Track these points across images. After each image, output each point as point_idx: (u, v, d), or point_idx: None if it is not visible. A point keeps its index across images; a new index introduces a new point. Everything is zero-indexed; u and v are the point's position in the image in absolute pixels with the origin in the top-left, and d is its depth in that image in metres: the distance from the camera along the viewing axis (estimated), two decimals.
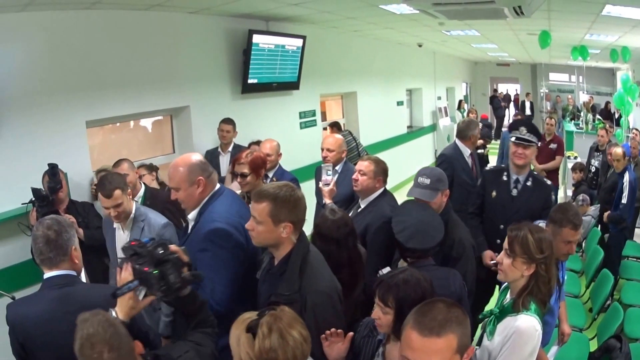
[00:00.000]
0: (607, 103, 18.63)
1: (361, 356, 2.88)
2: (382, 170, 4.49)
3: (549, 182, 5.12)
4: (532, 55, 17.44)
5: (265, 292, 2.98)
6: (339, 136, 5.75)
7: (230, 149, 7.08)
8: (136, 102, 6.34)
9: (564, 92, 21.85)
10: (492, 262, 3.87)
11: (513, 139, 4.97)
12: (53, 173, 4.87)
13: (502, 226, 4.66)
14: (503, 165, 5.34)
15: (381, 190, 4.50)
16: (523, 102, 23.34)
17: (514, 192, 4.97)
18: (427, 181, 4.01)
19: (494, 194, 5.06)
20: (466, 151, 6.16)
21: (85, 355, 2.12)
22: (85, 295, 2.80)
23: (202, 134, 7.27)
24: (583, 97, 19.06)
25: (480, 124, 11.72)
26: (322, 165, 4.97)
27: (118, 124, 6.84)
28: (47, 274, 2.82)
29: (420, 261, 3.40)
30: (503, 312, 2.93)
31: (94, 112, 5.84)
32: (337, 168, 5.33)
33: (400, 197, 5.39)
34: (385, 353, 2.75)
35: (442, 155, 6.25)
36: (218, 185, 3.56)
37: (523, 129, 4.91)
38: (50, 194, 4.78)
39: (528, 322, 2.77)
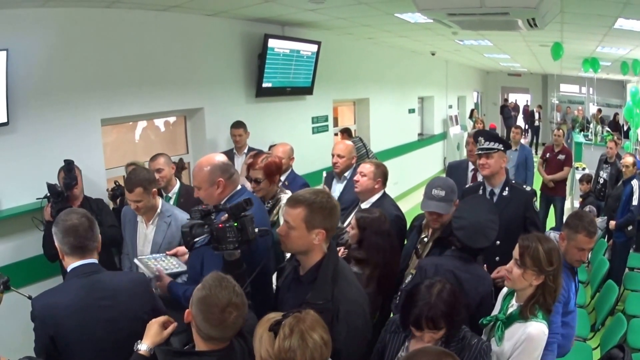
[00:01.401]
0: (616, 114, 18.66)
1: (387, 350, 2.97)
2: (381, 173, 4.62)
3: (528, 188, 4.83)
4: (543, 66, 17.44)
5: (291, 300, 2.90)
6: (349, 142, 5.78)
7: (245, 150, 7.08)
8: (151, 102, 6.41)
9: (574, 103, 21.85)
10: None
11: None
12: (69, 169, 4.94)
13: None
14: (480, 181, 5.02)
15: (381, 192, 4.64)
16: (532, 112, 23.39)
17: None
18: (442, 193, 3.93)
19: None
20: (470, 165, 6.08)
21: (212, 313, 2.31)
22: (114, 281, 2.87)
23: (215, 135, 7.34)
24: (593, 109, 19.05)
25: None
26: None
27: (131, 123, 6.92)
28: (75, 264, 2.79)
29: (465, 254, 3.52)
30: (510, 318, 3.01)
31: (110, 110, 5.92)
32: (346, 174, 5.41)
33: (409, 204, 5.45)
34: (409, 348, 2.85)
35: (449, 164, 6.17)
36: (239, 187, 3.64)
37: (481, 139, 4.70)
38: (65, 190, 4.83)
39: (538, 328, 2.88)
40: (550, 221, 9.50)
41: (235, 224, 2.84)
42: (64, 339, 2.66)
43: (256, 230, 2.94)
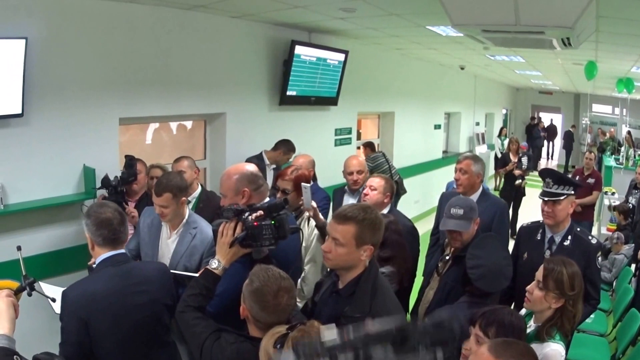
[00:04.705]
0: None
1: None
2: (390, 187, 4.83)
3: (594, 240, 4.15)
4: (576, 84, 17.23)
5: (327, 313, 2.90)
6: (360, 157, 6.08)
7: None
8: (172, 103, 6.28)
9: (607, 125, 21.49)
10: None
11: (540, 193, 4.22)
12: (130, 164, 5.06)
13: None
14: (540, 221, 4.37)
15: (389, 206, 4.83)
16: (571, 133, 22.83)
17: (547, 253, 4.10)
18: (461, 212, 3.92)
19: (525, 256, 4.26)
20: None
21: (266, 301, 2.48)
22: (143, 269, 3.25)
23: (235, 142, 7.17)
24: (625, 131, 18.79)
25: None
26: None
27: (146, 124, 6.82)
28: (106, 254, 3.01)
29: (479, 299, 3.50)
30: (527, 339, 3.00)
31: (128, 109, 5.80)
32: (360, 189, 5.47)
33: (431, 223, 5.36)
34: None
35: (442, 194, 5.77)
36: (267, 199, 3.61)
37: (549, 181, 4.15)
38: (121, 183, 4.93)
39: (556, 349, 2.92)
40: None
41: (273, 222, 2.94)
42: (99, 323, 2.87)
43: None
